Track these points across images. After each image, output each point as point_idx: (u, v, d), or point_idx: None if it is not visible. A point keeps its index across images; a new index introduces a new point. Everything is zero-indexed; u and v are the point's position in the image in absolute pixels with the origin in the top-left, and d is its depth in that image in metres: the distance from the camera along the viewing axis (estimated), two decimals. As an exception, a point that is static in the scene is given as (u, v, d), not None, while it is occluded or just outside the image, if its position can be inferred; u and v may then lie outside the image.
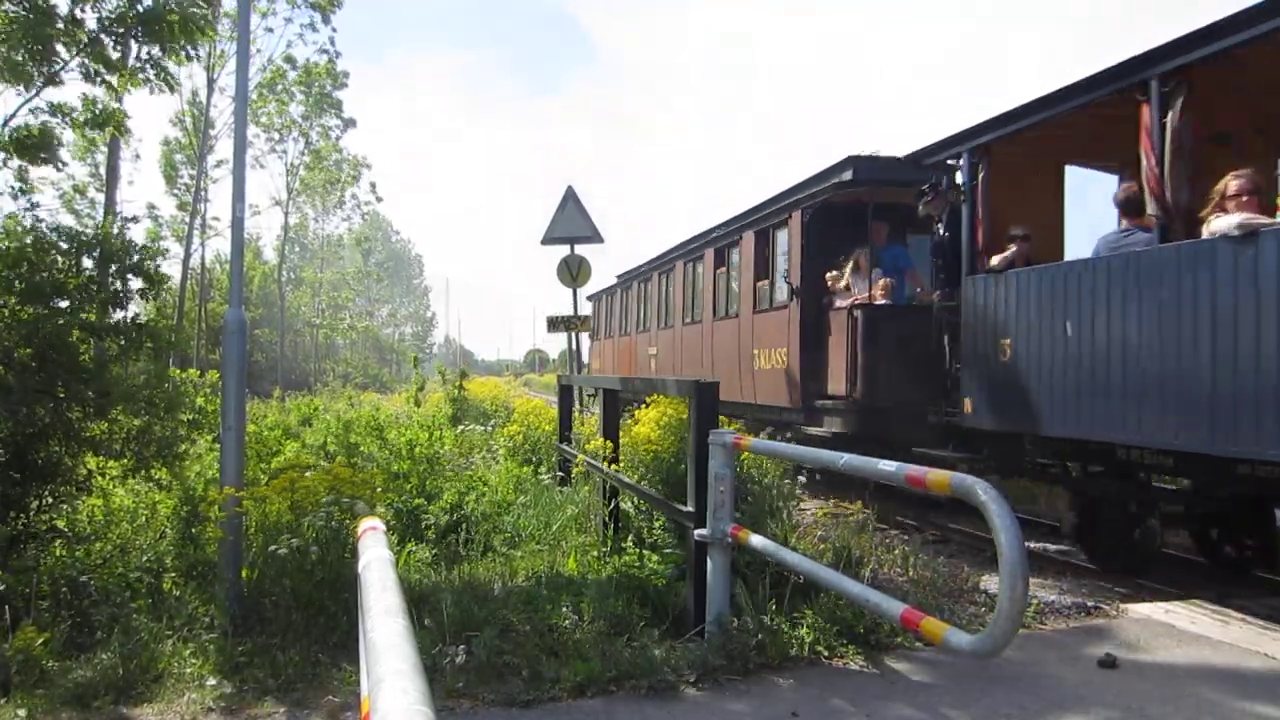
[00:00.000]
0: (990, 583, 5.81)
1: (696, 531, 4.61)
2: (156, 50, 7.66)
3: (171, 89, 8.47)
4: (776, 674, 4.18)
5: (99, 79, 7.78)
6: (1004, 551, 2.57)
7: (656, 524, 6.18)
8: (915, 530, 9.33)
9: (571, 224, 11.70)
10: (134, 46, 7.75)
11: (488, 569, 5.44)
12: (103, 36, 7.46)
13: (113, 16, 7.40)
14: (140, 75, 8.03)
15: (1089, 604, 5.62)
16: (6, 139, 6.93)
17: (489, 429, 12.07)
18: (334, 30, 32.54)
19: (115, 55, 7.87)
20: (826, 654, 4.39)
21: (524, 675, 3.85)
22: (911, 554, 6.02)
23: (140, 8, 7.39)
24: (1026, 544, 3.61)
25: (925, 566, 5.82)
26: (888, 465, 3.50)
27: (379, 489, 5.61)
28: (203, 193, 30.56)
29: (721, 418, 4.99)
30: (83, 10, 7.30)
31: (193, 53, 8.33)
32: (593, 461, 6.75)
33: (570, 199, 11.71)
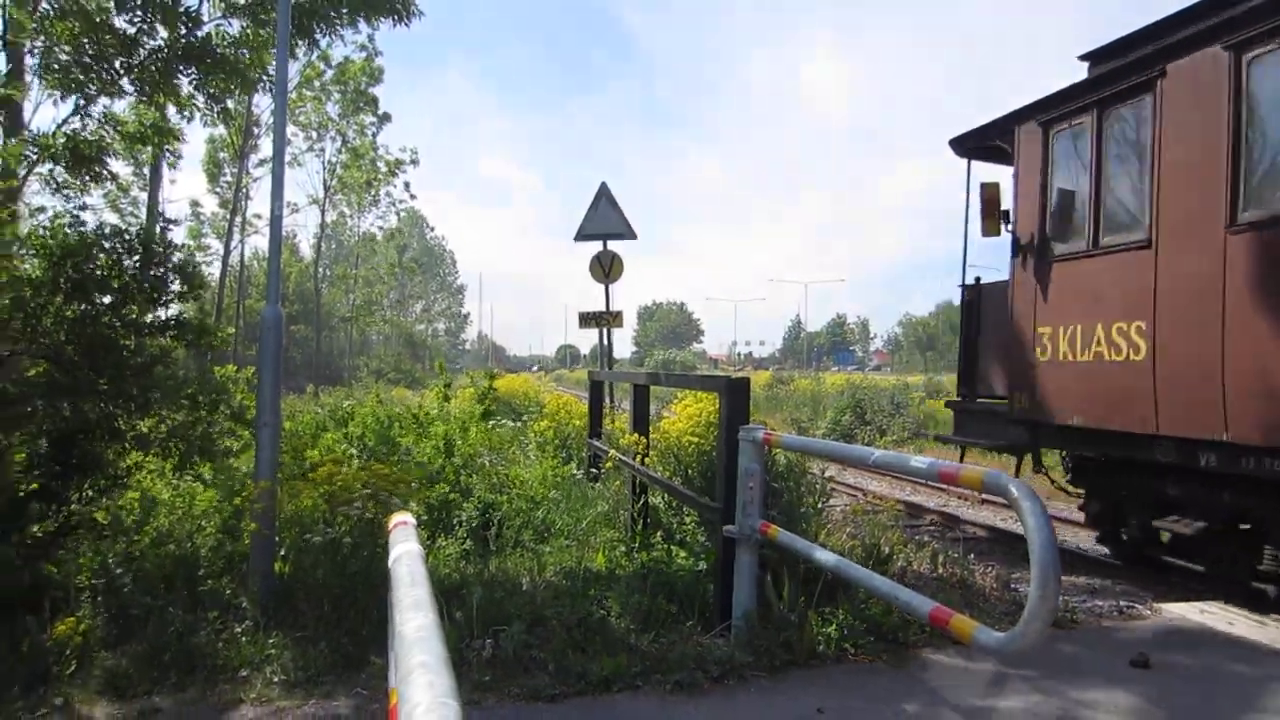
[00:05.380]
0: (1021, 581, 5.77)
1: (725, 528, 4.62)
2: (206, 80, 7.84)
3: (227, 124, 8.66)
4: (803, 671, 4.17)
5: (151, 99, 7.96)
6: (1035, 549, 2.54)
7: (687, 519, 6.20)
8: (945, 527, 9.27)
9: (605, 221, 11.74)
10: (184, 77, 7.93)
11: (517, 564, 5.49)
12: (151, 64, 7.64)
13: (165, 45, 7.57)
14: (192, 103, 8.21)
15: (1122, 603, 5.55)
16: (60, 148, 7.09)
17: (520, 424, 12.15)
18: (374, 28, 32.64)
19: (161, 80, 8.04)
20: (854, 651, 4.38)
21: (550, 669, 3.88)
22: (941, 551, 5.99)
23: (193, 38, 7.56)
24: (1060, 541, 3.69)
25: (955, 564, 5.78)
26: (919, 462, 3.48)
27: (414, 484, 5.68)
28: (244, 190, 31.08)
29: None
30: (142, 33, 7.46)
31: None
32: (623, 457, 6.78)
33: (604, 196, 11.75)
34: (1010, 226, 7.77)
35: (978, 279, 8.72)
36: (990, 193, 7.89)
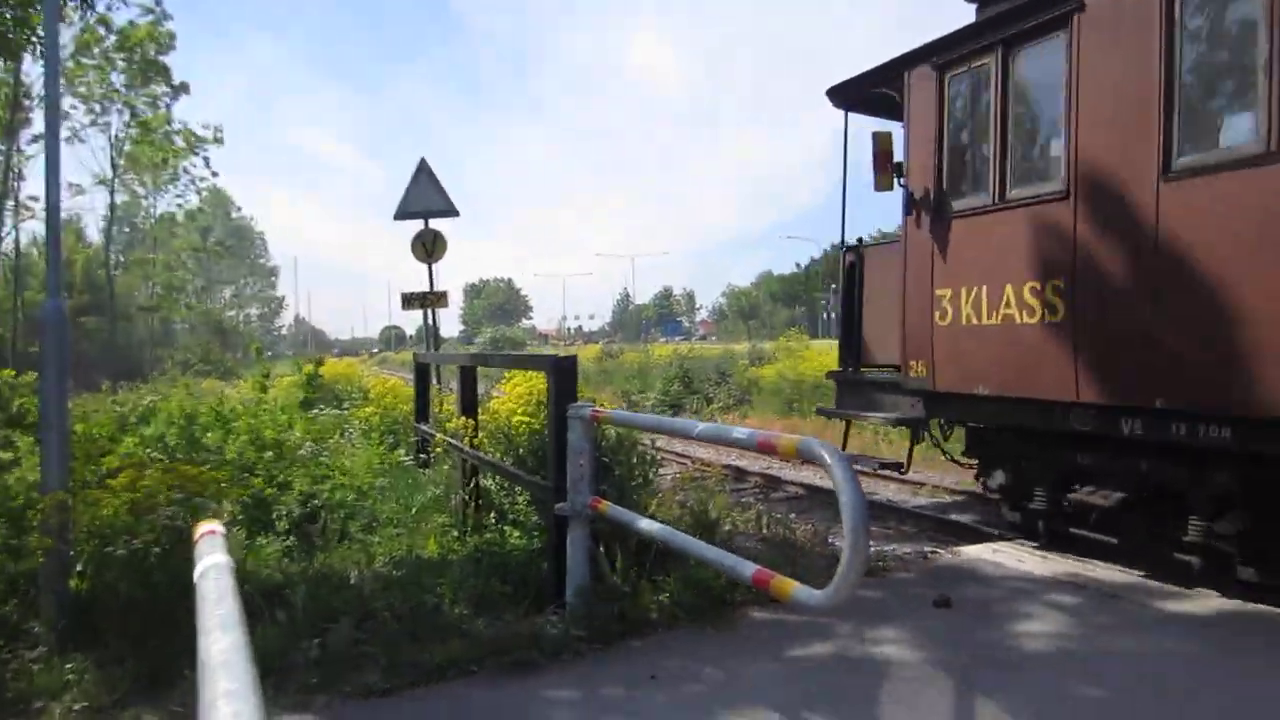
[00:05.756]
0: (836, 534, 6.14)
1: (557, 505, 4.66)
2: None
3: None
4: (637, 639, 4.29)
5: None
6: (846, 510, 2.73)
7: (520, 499, 6.19)
8: (769, 488, 9.72)
9: (425, 198, 11.39)
10: None
11: (344, 557, 5.31)
12: None
13: None
14: None
15: (926, 549, 6.04)
16: None
17: (344, 412, 11.70)
18: None
19: None
20: (686, 616, 4.53)
21: (382, 663, 3.79)
22: (765, 513, 6.28)
23: None
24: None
25: (777, 524, 6.08)
26: (740, 433, 3.64)
27: (225, 483, 5.36)
28: (16, 170, 28.05)
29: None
30: None
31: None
32: (452, 441, 6.68)
33: (424, 171, 11.39)
34: (902, 180, 6.99)
35: (859, 239, 8.27)
36: (883, 143, 7.10)
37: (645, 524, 4.33)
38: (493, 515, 6.03)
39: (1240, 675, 3.85)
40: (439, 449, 7.28)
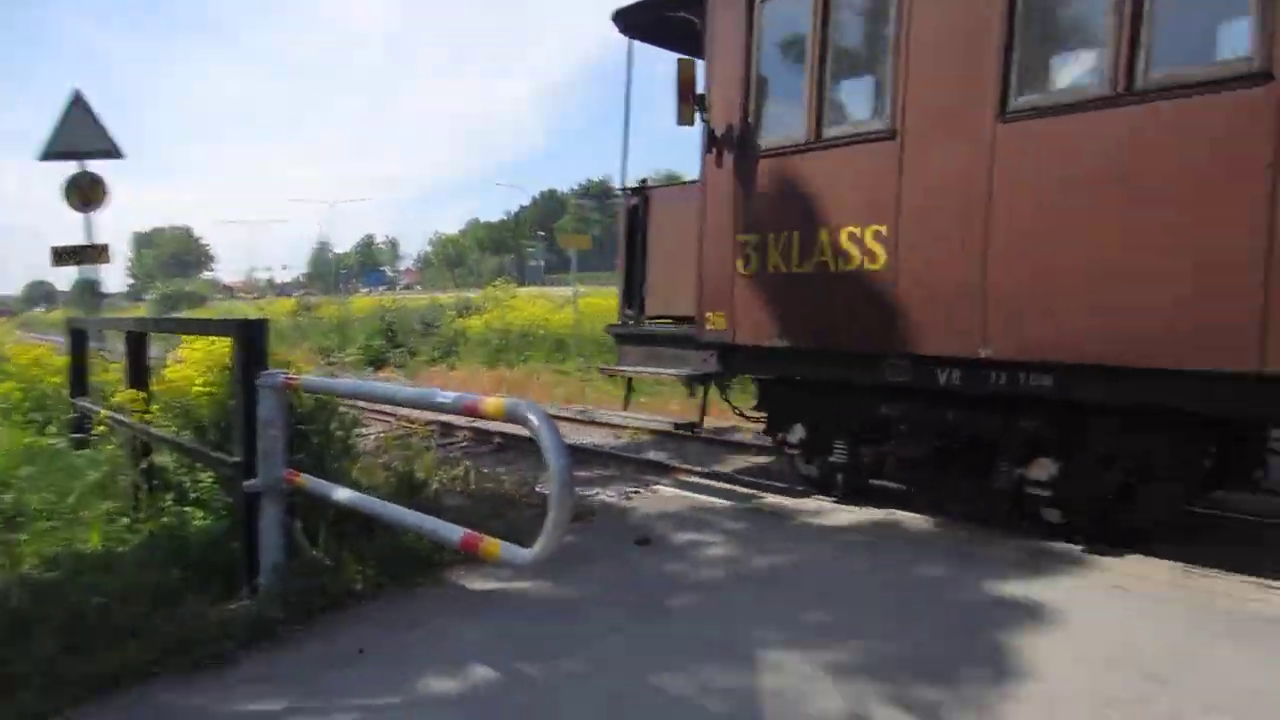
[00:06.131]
0: (542, 481, 6.28)
1: (246, 482, 4.32)
2: None
3: None
4: (341, 614, 4.11)
5: None
6: (552, 470, 2.82)
7: (204, 476, 5.67)
8: (478, 441, 9.70)
9: (80, 135, 9.83)
10: None
11: (-19, 563, 4.57)
12: None
13: None
14: None
15: (627, 489, 6.37)
16: None
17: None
18: None
19: None
20: (393, 584, 4.42)
21: (36, 684, 3.31)
22: (472, 468, 6.27)
23: None
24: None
25: (485, 478, 6.09)
26: (445, 397, 3.58)
27: None
28: None
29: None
30: None
31: None
32: (119, 416, 5.96)
33: (77, 105, 9.82)
34: (704, 115, 6.38)
35: (643, 181, 7.66)
36: (685, 72, 6.30)
37: (342, 494, 4.15)
38: (171, 496, 5.47)
39: (870, 568, 4.64)
40: (102, 426, 6.46)
